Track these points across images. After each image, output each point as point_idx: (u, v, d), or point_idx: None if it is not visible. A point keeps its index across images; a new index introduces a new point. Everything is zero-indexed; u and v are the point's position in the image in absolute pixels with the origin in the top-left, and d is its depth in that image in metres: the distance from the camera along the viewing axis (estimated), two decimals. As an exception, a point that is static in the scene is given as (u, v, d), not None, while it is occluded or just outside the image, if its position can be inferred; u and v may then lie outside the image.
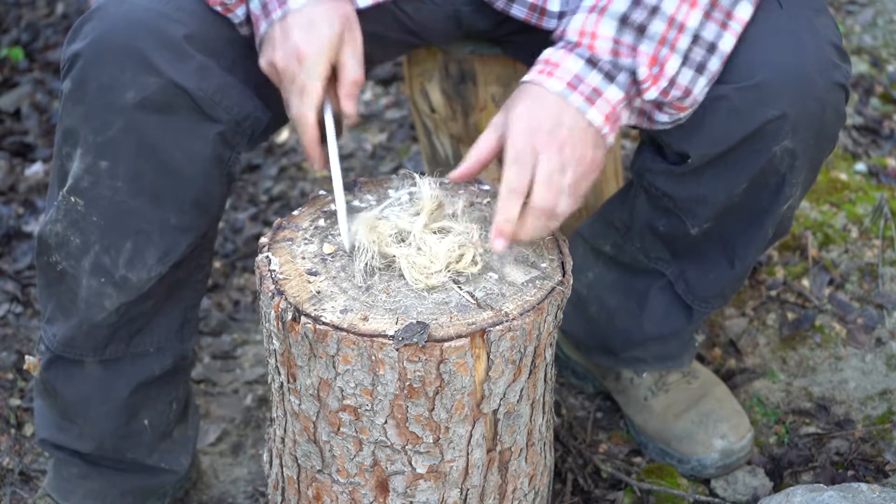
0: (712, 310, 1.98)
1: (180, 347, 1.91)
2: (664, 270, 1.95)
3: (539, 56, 1.59)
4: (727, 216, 1.80)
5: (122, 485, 1.98)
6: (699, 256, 1.90)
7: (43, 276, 1.83)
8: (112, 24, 1.64)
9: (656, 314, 2.00)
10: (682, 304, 1.97)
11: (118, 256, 1.73)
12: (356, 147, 3.03)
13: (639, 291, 2.00)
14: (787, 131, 1.67)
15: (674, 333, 2.03)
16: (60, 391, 1.90)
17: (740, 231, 1.83)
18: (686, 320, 1.99)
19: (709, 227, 1.83)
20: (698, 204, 1.79)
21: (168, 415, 1.96)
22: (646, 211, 1.89)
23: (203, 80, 1.65)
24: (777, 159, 1.70)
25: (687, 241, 1.87)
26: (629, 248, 1.97)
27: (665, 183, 1.81)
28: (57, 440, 1.96)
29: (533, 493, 1.75)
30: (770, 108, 1.65)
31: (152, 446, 1.96)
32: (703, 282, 1.93)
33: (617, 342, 2.10)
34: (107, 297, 1.76)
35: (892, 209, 2.55)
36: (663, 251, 1.93)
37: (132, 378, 1.88)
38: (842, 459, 2.12)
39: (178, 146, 1.68)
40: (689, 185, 1.78)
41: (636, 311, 2.01)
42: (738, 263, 1.87)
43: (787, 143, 1.69)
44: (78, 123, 1.67)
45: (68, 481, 1.99)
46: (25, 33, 3.51)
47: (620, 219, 1.96)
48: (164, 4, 1.66)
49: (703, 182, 1.76)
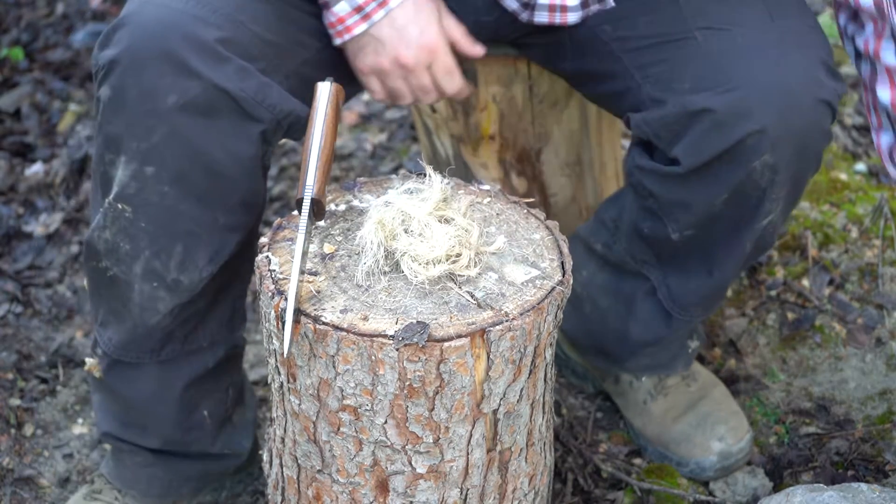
0: (693, 319, 2.00)
1: (231, 338, 1.93)
2: (648, 274, 1.97)
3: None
4: (708, 225, 1.82)
5: (187, 471, 2.00)
6: (681, 264, 1.91)
7: (92, 281, 1.84)
8: (146, 29, 1.64)
9: (642, 319, 2.01)
10: (663, 311, 1.98)
11: (169, 260, 1.74)
12: (356, 147, 3.03)
13: (626, 295, 2.01)
14: (768, 146, 1.68)
15: (658, 340, 2.04)
16: (121, 393, 1.91)
17: (720, 242, 1.85)
18: (667, 327, 2.00)
19: (690, 235, 1.84)
20: (680, 208, 1.81)
21: (226, 402, 1.97)
22: (633, 210, 1.91)
23: (243, 80, 1.66)
24: (757, 173, 1.71)
25: (669, 246, 1.88)
26: (617, 249, 1.98)
27: (652, 182, 1.82)
28: (121, 434, 1.97)
29: (533, 492, 1.75)
30: (751, 122, 1.67)
31: (214, 434, 1.98)
32: (683, 289, 1.94)
33: (610, 343, 2.10)
34: (160, 301, 1.77)
35: (892, 209, 2.55)
36: (648, 254, 1.94)
37: (188, 374, 1.90)
38: (842, 459, 2.12)
39: (222, 148, 1.68)
40: (673, 187, 1.79)
41: (624, 314, 2.02)
42: (716, 273, 1.88)
43: (766, 158, 1.69)
44: (120, 131, 1.67)
45: (132, 470, 2.00)
46: (25, 33, 3.51)
47: (611, 217, 1.97)
48: (196, 7, 1.66)
49: (686, 187, 1.78)
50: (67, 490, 2.16)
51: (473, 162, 2.20)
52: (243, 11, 1.70)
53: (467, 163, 2.20)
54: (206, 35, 1.64)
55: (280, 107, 1.70)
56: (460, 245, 1.59)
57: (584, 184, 2.26)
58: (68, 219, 2.79)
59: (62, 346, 2.45)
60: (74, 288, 2.60)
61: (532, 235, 1.67)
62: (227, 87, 1.65)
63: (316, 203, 1.58)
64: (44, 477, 2.18)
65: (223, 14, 1.68)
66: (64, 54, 3.41)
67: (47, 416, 2.31)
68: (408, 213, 1.61)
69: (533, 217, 1.71)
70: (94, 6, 3.61)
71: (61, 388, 2.36)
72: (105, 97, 1.67)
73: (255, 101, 1.67)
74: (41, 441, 2.26)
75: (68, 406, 2.33)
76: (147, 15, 1.65)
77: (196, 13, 1.65)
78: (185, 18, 1.64)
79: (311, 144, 1.61)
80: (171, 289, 1.76)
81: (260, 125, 1.70)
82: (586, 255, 2.05)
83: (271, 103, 1.69)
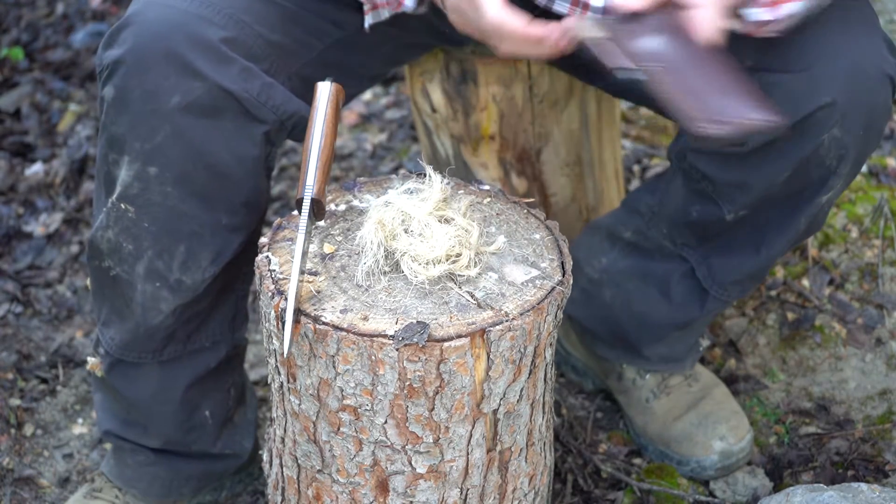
0: (729, 299, 1.97)
1: (233, 337, 1.93)
2: (688, 256, 1.95)
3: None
4: (764, 204, 1.80)
5: (188, 471, 2.00)
6: (727, 242, 1.89)
7: (95, 280, 1.84)
8: (150, 29, 1.64)
9: (676, 301, 1.99)
10: (699, 291, 1.97)
11: (172, 260, 1.74)
12: (356, 147, 3.03)
13: (658, 277, 2.00)
14: (837, 119, 1.67)
15: (688, 323, 2.02)
16: (122, 393, 1.92)
17: (775, 220, 1.83)
18: (700, 308, 1.99)
19: (744, 215, 1.82)
20: (738, 189, 1.79)
21: (227, 401, 1.98)
22: (680, 195, 1.89)
23: (246, 81, 1.66)
24: (824, 148, 1.70)
25: (718, 227, 1.86)
26: (653, 234, 1.97)
27: (707, 165, 1.80)
28: (122, 433, 1.98)
29: (533, 492, 1.75)
30: (821, 96, 1.66)
31: (216, 434, 1.98)
32: (725, 266, 1.92)
33: (631, 329, 2.09)
34: (162, 301, 1.78)
35: (892, 209, 2.55)
36: (691, 237, 1.93)
37: (190, 374, 1.90)
38: (842, 459, 2.12)
39: (226, 149, 1.68)
40: (732, 168, 1.77)
41: (656, 296, 2.01)
42: (764, 251, 1.86)
43: (835, 132, 1.69)
44: (123, 131, 1.67)
45: (133, 469, 2.00)
46: (25, 33, 3.51)
47: (648, 204, 1.95)
48: (200, 7, 1.66)
49: (747, 166, 1.76)
50: (67, 490, 2.16)
51: (473, 162, 2.20)
52: (247, 12, 1.71)
53: (467, 163, 2.20)
54: (210, 35, 1.64)
55: (284, 107, 1.70)
56: (460, 245, 1.59)
57: (584, 183, 2.26)
58: (68, 219, 2.79)
59: (62, 346, 2.45)
60: (74, 288, 2.60)
61: (532, 235, 1.67)
62: (230, 87, 1.65)
63: (316, 203, 1.58)
64: (44, 477, 2.18)
65: (227, 14, 1.68)
66: (64, 54, 3.41)
67: (47, 416, 2.31)
68: (408, 213, 1.61)
69: (533, 217, 1.71)
70: (94, 6, 3.61)
71: (61, 388, 2.36)
72: (109, 97, 1.67)
73: (258, 101, 1.68)
74: (41, 441, 2.26)
75: (68, 406, 2.33)
76: (151, 15, 1.65)
77: (200, 13, 1.65)
78: (189, 18, 1.64)
79: (311, 144, 1.61)
80: (174, 289, 1.76)
81: (263, 126, 1.70)
82: (608, 243, 2.05)
83: (275, 104, 1.69)
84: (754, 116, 1.46)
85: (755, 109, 1.46)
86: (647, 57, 1.51)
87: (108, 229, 1.75)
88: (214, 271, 1.77)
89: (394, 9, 1.73)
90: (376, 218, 1.60)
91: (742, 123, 1.45)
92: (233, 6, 1.69)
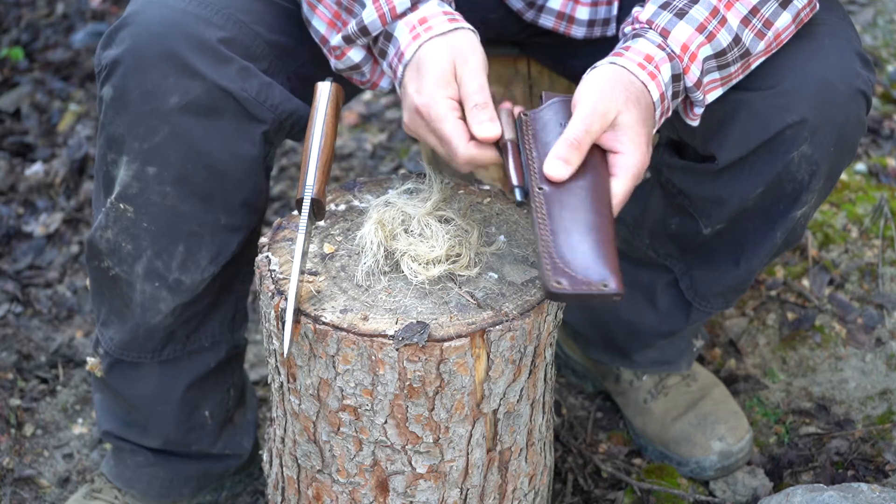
0: (712, 311, 1.99)
1: (233, 338, 1.93)
2: (672, 266, 1.96)
3: (632, 45, 1.55)
4: (740, 219, 1.81)
5: (187, 471, 2.01)
6: (707, 255, 1.90)
7: (95, 280, 1.85)
8: (149, 29, 1.64)
9: (661, 310, 2.00)
10: (684, 301, 1.98)
11: (171, 260, 1.74)
12: (356, 147, 3.03)
13: (644, 286, 2.01)
14: (806, 136, 1.67)
15: (673, 332, 2.04)
16: (122, 393, 1.92)
17: (751, 234, 1.84)
18: (685, 319, 2.00)
19: (721, 229, 1.83)
20: (713, 204, 1.80)
21: (227, 402, 1.98)
22: (660, 208, 1.90)
23: (245, 81, 1.66)
24: (794, 165, 1.71)
25: (697, 240, 1.87)
26: (638, 244, 1.98)
27: (683, 180, 1.81)
28: (122, 434, 1.98)
29: (533, 492, 1.75)
30: (790, 114, 1.66)
31: (215, 435, 1.98)
32: (706, 279, 1.93)
33: (620, 335, 2.09)
34: (162, 301, 1.78)
35: (892, 209, 2.55)
36: (672, 248, 1.94)
37: (190, 374, 1.90)
38: (842, 459, 2.12)
39: (225, 148, 1.68)
40: (706, 184, 1.78)
41: (644, 304, 2.01)
42: (743, 264, 1.87)
43: (804, 149, 1.69)
44: (122, 131, 1.67)
45: (132, 470, 2.00)
46: (25, 33, 3.51)
47: (631, 214, 1.96)
48: (199, 7, 1.66)
49: (720, 183, 1.77)
50: (67, 490, 2.16)
51: (473, 162, 2.19)
52: (246, 11, 1.71)
53: (467, 163, 2.20)
54: (208, 35, 1.64)
55: (282, 107, 1.70)
56: (460, 245, 1.59)
57: (584, 184, 2.26)
58: (68, 219, 2.79)
59: (62, 346, 2.45)
60: (74, 288, 2.60)
61: (532, 235, 1.66)
62: (229, 87, 1.65)
63: (316, 203, 1.58)
64: (44, 477, 2.18)
65: (225, 14, 1.68)
66: (64, 54, 3.41)
67: (47, 416, 2.31)
68: (408, 213, 1.61)
69: (533, 217, 1.71)
70: (94, 6, 3.61)
71: (61, 388, 2.37)
72: (107, 97, 1.67)
73: (257, 101, 1.68)
74: (41, 441, 2.26)
75: (68, 406, 2.33)
76: (150, 15, 1.65)
77: (198, 13, 1.65)
78: (187, 18, 1.64)
79: (311, 144, 1.61)
80: (173, 289, 1.76)
81: (262, 125, 1.70)
82: None
83: (273, 103, 1.69)
84: (599, 283, 1.36)
85: (606, 276, 1.37)
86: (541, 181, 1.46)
87: (107, 229, 1.75)
88: (213, 271, 1.77)
89: (369, 88, 1.73)
90: (376, 218, 1.60)
91: (587, 285, 1.36)
92: (231, 6, 1.69)
